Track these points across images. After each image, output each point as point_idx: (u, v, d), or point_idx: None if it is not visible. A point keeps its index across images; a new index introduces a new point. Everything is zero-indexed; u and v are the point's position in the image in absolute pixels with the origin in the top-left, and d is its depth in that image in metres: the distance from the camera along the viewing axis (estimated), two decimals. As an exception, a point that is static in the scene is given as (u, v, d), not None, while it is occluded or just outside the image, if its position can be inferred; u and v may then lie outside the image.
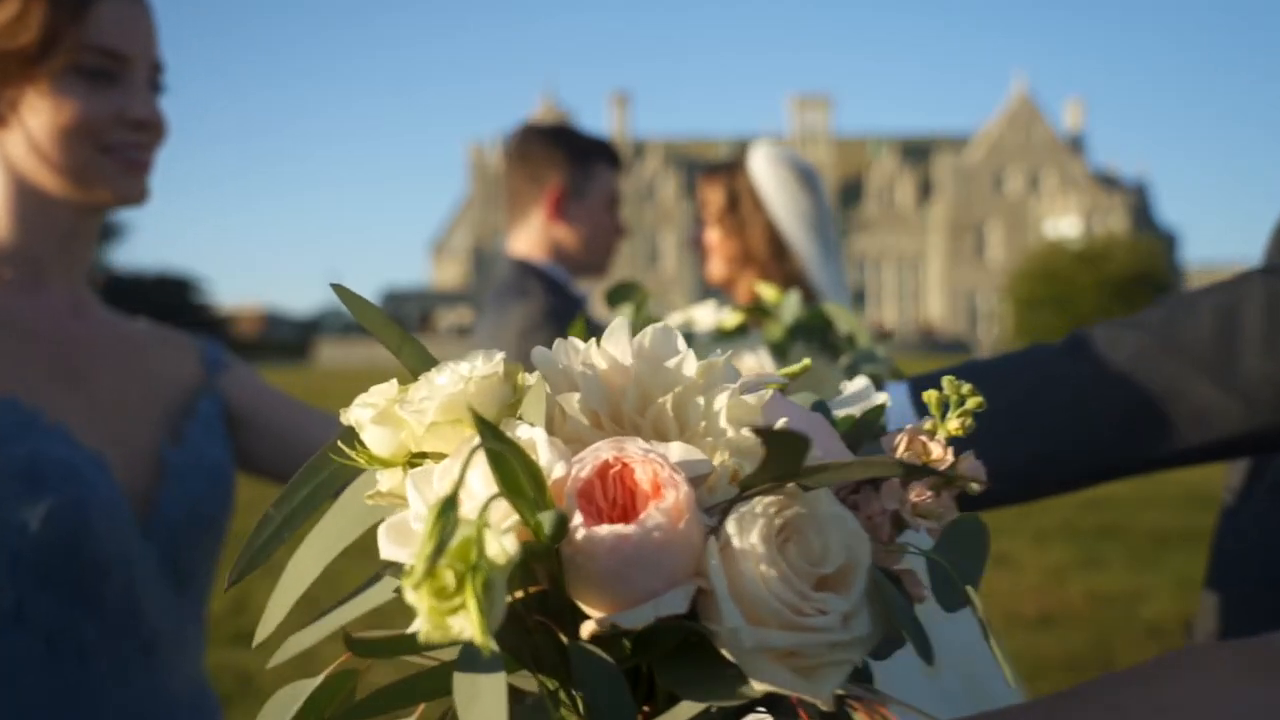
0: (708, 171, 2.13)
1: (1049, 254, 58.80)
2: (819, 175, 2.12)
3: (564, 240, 2.00)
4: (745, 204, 2.01)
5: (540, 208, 2.00)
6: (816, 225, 2.01)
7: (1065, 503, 8.23)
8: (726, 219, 2.03)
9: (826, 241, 2.03)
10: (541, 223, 2.00)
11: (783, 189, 2.00)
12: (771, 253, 1.99)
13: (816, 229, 2.01)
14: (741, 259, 2.02)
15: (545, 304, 1.84)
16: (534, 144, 2.03)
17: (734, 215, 2.02)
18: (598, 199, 2.02)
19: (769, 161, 2.04)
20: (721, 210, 2.05)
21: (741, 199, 2.02)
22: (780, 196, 1.99)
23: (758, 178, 2.02)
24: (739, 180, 2.04)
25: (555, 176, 1.98)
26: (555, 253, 2.00)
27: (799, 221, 1.99)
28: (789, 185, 2.01)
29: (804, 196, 2.01)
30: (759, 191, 2.01)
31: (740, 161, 2.08)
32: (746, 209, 2.01)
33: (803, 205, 2.00)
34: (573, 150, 2.01)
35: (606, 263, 2.09)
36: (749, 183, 2.02)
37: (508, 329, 1.81)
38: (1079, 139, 73.64)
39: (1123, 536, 7.02)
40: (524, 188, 2.01)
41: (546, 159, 2.01)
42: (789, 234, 1.98)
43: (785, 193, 2.00)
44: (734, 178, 2.05)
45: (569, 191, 1.99)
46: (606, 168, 2.05)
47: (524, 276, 1.96)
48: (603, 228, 2.03)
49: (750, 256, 2.01)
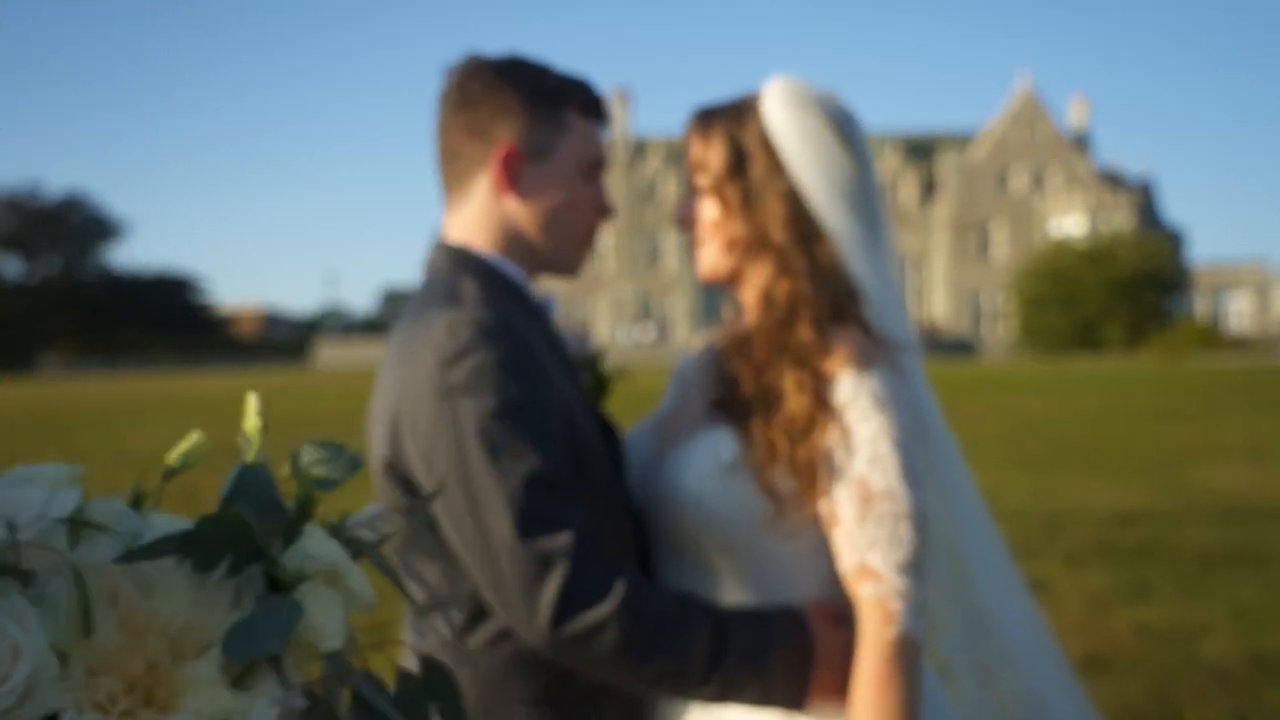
0: (701, 117, 1.50)
1: (1055, 253, 58.31)
2: (860, 124, 1.50)
3: (519, 221, 1.43)
4: (757, 164, 1.43)
5: (486, 174, 1.43)
6: (859, 195, 1.44)
7: (1096, 517, 7.73)
8: (729, 187, 1.44)
9: (872, 218, 1.45)
10: (487, 196, 1.43)
11: (812, 143, 1.42)
12: (794, 235, 1.41)
13: (859, 201, 1.44)
14: (750, 244, 1.44)
15: (482, 317, 1.29)
16: (477, 83, 1.44)
17: (740, 181, 1.44)
18: (569, 162, 1.44)
19: (792, 103, 1.44)
20: (722, 174, 1.45)
21: (751, 158, 1.44)
22: (808, 154, 1.42)
23: (776, 127, 1.43)
24: (748, 129, 1.45)
25: (506, 129, 1.42)
26: (507, 239, 1.43)
27: (835, 190, 1.42)
28: (821, 137, 1.42)
29: (842, 154, 1.43)
30: (777, 146, 1.43)
31: (750, 103, 1.47)
32: (759, 172, 1.43)
33: (840, 166, 1.42)
34: (532, 92, 1.43)
35: (579, 254, 1.50)
36: (762, 133, 1.44)
37: (420, 364, 1.27)
38: (1083, 137, 73.08)
39: (1165, 558, 6.49)
40: (463, 146, 1.44)
41: (494, 105, 1.43)
42: (820, 208, 1.41)
43: (815, 148, 1.42)
44: (740, 126, 1.45)
45: (526, 150, 1.42)
46: (582, 118, 1.48)
47: (457, 272, 1.39)
48: (576, 204, 1.46)
49: (763, 241, 1.43)
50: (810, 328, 1.36)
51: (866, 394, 1.31)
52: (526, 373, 1.25)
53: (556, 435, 1.25)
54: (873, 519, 1.28)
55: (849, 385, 1.32)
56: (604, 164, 1.51)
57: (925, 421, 1.40)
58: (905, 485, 1.29)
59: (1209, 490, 9.01)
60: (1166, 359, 46.63)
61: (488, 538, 1.20)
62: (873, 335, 1.38)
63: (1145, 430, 14.11)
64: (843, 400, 1.32)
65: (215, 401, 25.55)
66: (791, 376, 1.35)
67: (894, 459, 1.29)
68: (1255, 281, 67.18)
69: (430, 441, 1.23)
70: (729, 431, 1.38)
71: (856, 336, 1.36)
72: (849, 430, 1.31)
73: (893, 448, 1.29)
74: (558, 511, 1.20)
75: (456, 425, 1.21)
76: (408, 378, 1.27)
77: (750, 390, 1.38)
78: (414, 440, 1.25)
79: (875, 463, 1.29)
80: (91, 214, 75.71)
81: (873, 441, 1.29)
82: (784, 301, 1.40)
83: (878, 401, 1.30)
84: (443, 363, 1.23)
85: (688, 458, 1.40)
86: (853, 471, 1.30)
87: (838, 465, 1.31)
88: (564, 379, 1.37)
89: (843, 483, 1.30)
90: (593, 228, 1.51)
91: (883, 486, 1.28)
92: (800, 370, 1.35)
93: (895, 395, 1.32)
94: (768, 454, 1.34)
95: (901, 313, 1.47)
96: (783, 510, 1.33)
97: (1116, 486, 9.31)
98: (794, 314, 1.39)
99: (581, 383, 1.60)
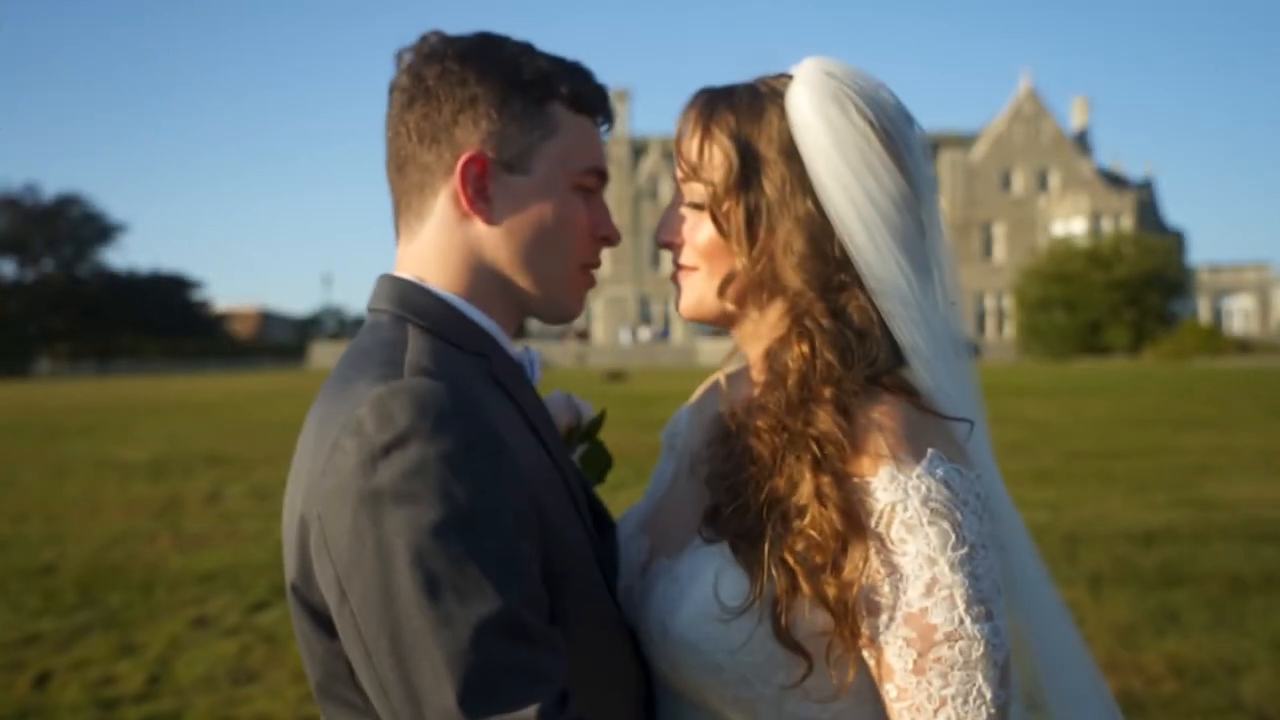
0: (704, 104, 1.13)
1: (1058, 254, 57.95)
2: (918, 129, 1.12)
3: (490, 251, 1.08)
4: (773, 177, 1.07)
5: (446, 190, 1.08)
6: (910, 227, 1.07)
7: (1116, 536, 7.39)
8: (732, 204, 1.08)
9: (927, 256, 1.08)
10: (448, 218, 1.08)
11: (851, 153, 1.05)
12: (816, 279, 1.06)
13: (909, 234, 1.07)
14: (754, 285, 1.09)
15: (427, 389, 0.93)
16: (434, 69, 1.09)
17: (748, 197, 1.07)
18: (555, 172, 1.08)
19: (827, 98, 1.06)
20: (724, 186, 1.08)
21: (766, 167, 1.07)
22: (845, 168, 1.05)
23: (803, 128, 1.06)
24: (765, 129, 1.08)
25: (471, 130, 1.07)
26: (473, 275, 1.08)
27: (877, 219, 1.05)
28: (864, 147, 1.05)
29: (891, 170, 1.06)
30: (803, 154, 1.06)
31: (771, 92, 1.10)
32: (774, 188, 1.07)
33: (888, 187, 1.06)
34: (506, 80, 1.08)
35: (571, 295, 1.15)
36: (784, 136, 1.07)
37: (337, 456, 0.91)
38: (1084, 138, 72.68)
39: (1192, 582, 6.16)
40: (417, 152, 1.09)
41: (456, 98, 1.08)
42: (855, 242, 1.05)
43: (855, 160, 1.05)
44: (755, 122, 1.09)
45: (498, 157, 1.07)
46: (573, 114, 1.12)
47: (401, 320, 1.05)
48: (566, 227, 1.10)
49: (773, 283, 1.08)
50: (832, 412, 1.00)
51: (916, 495, 0.96)
52: (486, 470, 0.90)
53: (525, 557, 0.90)
54: (937, 671, 0.94)
55: (891, 484, 0.96)
56: (603, 174, 1.14)
57: (998, 515, 1.04)
58: (978, 618, 0.94)
59: (1229, 505, 8.69)
60: (1171, 361, 46.35)
61: (420, 707, 0.85)
62: (921, 405, 1.03)
63: (1158, 439, 13.80)
64: (883, 506, 0.96)
65: (207, 406, 25.21)
66: (809, 480, 0.99)
67: (961, 583, 0.94)
68: (1257, 283, 66.84)
69: (346, 567, 0.88)
70: (730, 556, 1.02)
71: (898, 410, 1.01)
72: (894, 548, 0.96)
73: (958, 567, 0.94)
74: (521, 672, 0.85)
75: (382, 547, 0.86)
76: (321, 474, 0.92)
77: (755, 499, 1.02)
78: (325, 562, 0.91)
79: (935, 591, 0.94)
80: (88, 214, 75.33)
81: (930, 562, 0.94)
82: (797, 373, 1.04)
83: (932, 504, 0.95)
84: (367, 457, 0.88)
85: (677, 593, 1.05)
86: (905, 605, 0.95)
87: (883, 599, 0.96)
88: (544, 464, 1.03)
89: (893, 623, 0.95)
90: (589, 258, 1.15)
91: (947, 624, 0.93)
92: (821, 472, 0.99)
93: (956, 491, 0.96)
94: (785, 591, 0.98)
95: (962, 370, 1.10)
96: (812, 666, 0.98)
97: (1134, 501, 8.99)
98: (810, 392, 1.03)
99: (573, 452, 1.26)
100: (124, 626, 5.54)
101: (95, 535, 8.13)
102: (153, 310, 76.33)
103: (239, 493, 10.19)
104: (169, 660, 4.94)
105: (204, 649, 5.10)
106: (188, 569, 6.86)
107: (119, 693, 4.52)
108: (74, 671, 4.80)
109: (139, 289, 77.99)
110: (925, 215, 1.10)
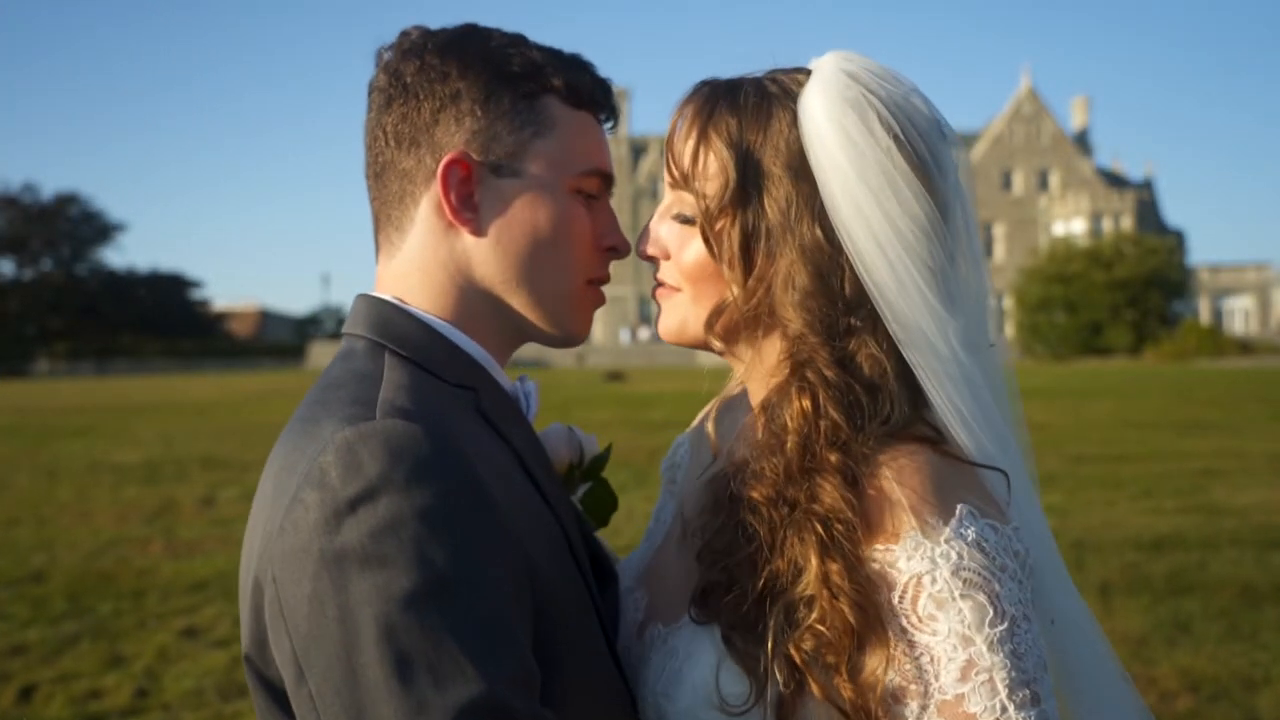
0: (703, 100, 0.98)
1: (1058, 254, 57.89)
2: (953, 141, 0.97)
3: (479, 266, 0.96)
4: (777, 195, 0.93)
5: (428, 198, 0.97)
6: (939, 256, 0.92)
7: (1125, 543, 7.27)
8: (727, 222, 0.94)
9: (959, 288, 0.93)
10: (431, 230, 0.96)
11: (871, 170, 0.90)
12: (822, 319, 0.91)
13: (939, 265, 0.92)
14: (749, 320, 0.96)
15: (403, 433, 0.80)
16: (412, 65, 0.97)
17: (746, 215, 0.93)
18: (551, 174, 0.96)
19: (847, 105, 0.91)
20: (719, 201, 0.94)
21: (770, 183, 0.93)
22: (864, 186, 0.90)
23: (817, 140, 0.91)
24: (771, 137, 0.93)
25: (454, 129, 0.95)
26: (461, 294, 0.96)
27: (901, 248, 0.90)
28: (889, 164, 0.90)
29: (918, 191, 0.91)
30: (816, 169, 0.91)
31: (782, 94, 0.95)
32: (778, 208, 0.93)
33: (915, 212, 0.91)
34: (492, 72, 0.96)
35: (576, 314, 1.02)
36: (794, 147, 0.93)
37: (296, 509, 0.78)
38: (1085, 137, 72.59)
39: (1204, 592, 6.04)
40: (395, 157, 0.97)
41: (437, 95, 0.96)
42: (874, 275, 0.90)
43: (877, 179, 0.90)
44: (761, 129, 0.94)
45: (484, 159, 0.95)
46: (570, 109, 1.00)
47: (378, 347, 0.93)
48: (566, 236, 0.98)
49: (769, 320, 0.95)
50: (839, 484, 0.86)
51: (945, 564, 0.82)
52: (469, 527, 0.78)
53: (513, 628, 0.78)
54: None
55: (916, 553, 0.83)
56: (607, 176, 1.02)
57: (1042, 578, 0.91)
58: (1023, 704, 0.81)
59: (1238, 511, 8.57)
60: (1172, 362, 46.26)
61: None
62: (946, 451, 0.89)
63: (1163, 442, 13.68)
64: (907, 579, 0.83)
65: (204, 406, 25.09)
66: (815, 566, 0.84)
67: (1002, 664, 0.81)
68: (1257, 283, 66.76)
69: (305, 641, 0.76)
70: (726, 646, 0.88)
71: (919, 460, 0.87)
72: (923, 627, 0.83)
73: (997, 646, 0.81)
74: None
75: (347, 619, 0.74)
76: (278, 531, 0.79)
77: (753, 584, 0.88)
78: (281, 634, 0.78)
79: (972, 675, 0.81)
80: (86, 213, 75.17)
81: (965, 642, 0.81)
82: (797, 436, 0.89)
83: (965, 573, 0.82)
84: (331, 513, 0.76)
85: (674, 670, 0.92)
86: (938, 693, 0.82)
87: (911, 686, 0.83)
88: (538, 512, 0.90)
89: (924, 713, 0.83)
90: (594, 271, 1.02)
91: (988, 713, 0.81)
92: (829, 558, 0.84)
93: (992, 554, 0.83)
94: (791, 690, 0.85)
95: (1001, 422, 0.95)
96: None
97: (1141, 507, 8.87)
98: (813, 459, 0.88)
99: (574, 492, 1.14)
100: (113, 636, 5.42)
101: (86, 541, 8.01)
102: (151, 310, 76.23)
103: (233, 496, 10.06)
104: (157, 673, 4.82)
105: (193, 661, 4.98)
106: (179, 576, 6.74)
107: (105, 707, 4.40)
108: (60, 684, 4.68)
109: (137, 288, 77.88)
110: (956, 243, 0.95)
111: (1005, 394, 0.99)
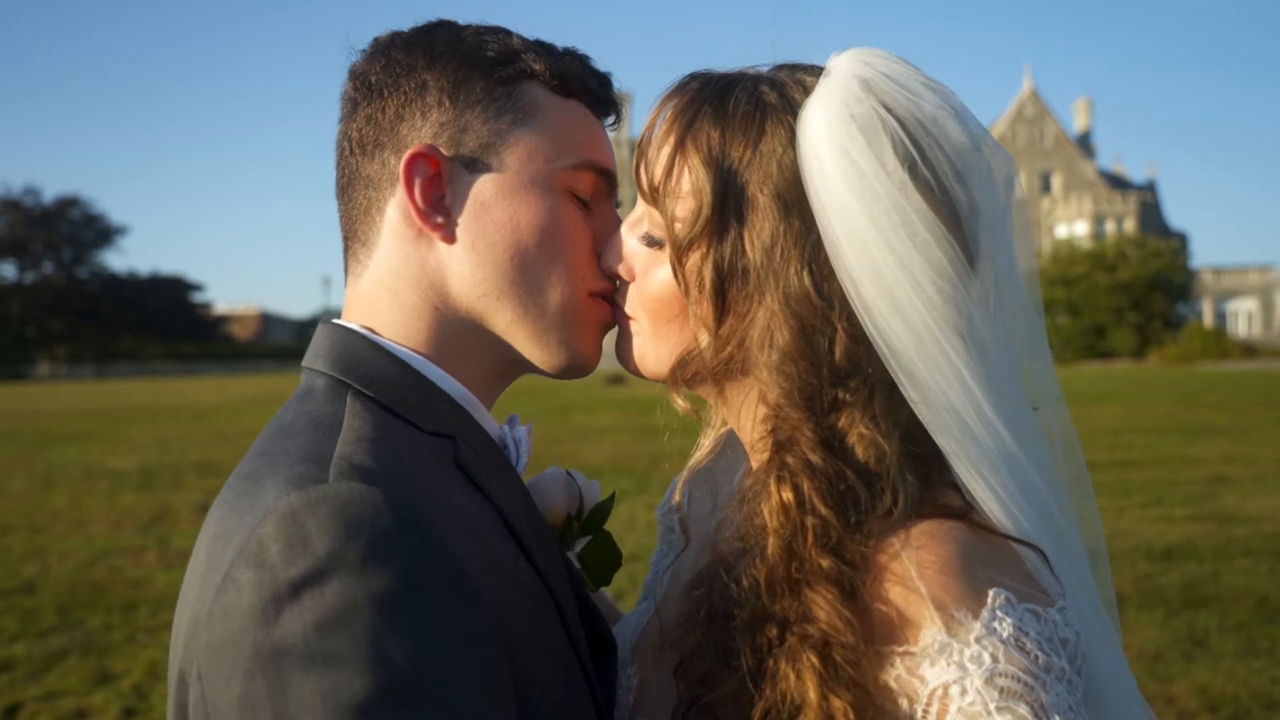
0: (684, 103, 0.82)
1: (1061, 256, 57.78)
2: (987, 155, 0.79)
3: (456, 282, 0.82)
4: (761, 229, 0.77)
5: (395, 204, 0.84)
6: (971, 309, 0.77)
7: (1136, 553, 7.12)
8: (700, 255, 0.79)
9: (993, 341, 0.77)
10: (400, 241, 0.83)
11: (880, 207, 0.74)
12: (806, 390, 0.76)
13: (972, 321, 0.77)
14: (723, 369, 0.80)
15: (360, 498, 0.66)
16: (379, 64, 0.85)
17: (722, 248, 0.78)
18: (535, 167, 0.82)
19: (847, 125, 0.75)
20: (691, 229, 0.79)
21: (754, 214, 0.77)
22: (873, 227, 0.74)
23: (816, 166, 0.75)
24: (761, 158, 0.78)
25: (419, 123, 0.82)
26: (437, 318, 0.82)
27: (924, 305, 0.75)
28: (902, 200, 0.74)
29: (938, 234, 0.75)
30: (814, 203, 0.75)
31: (780, 107, 0.78)
32: (761, 245, 0.77)
33: (935, 258, 0.75)
34: (461, 59, 0.83)
35: (579, 335, 0.86)
36: (784, 170, 0.77)
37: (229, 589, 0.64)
38: (1088, 140, 72.42)
39: (1218, 604, 5.90)
40: (361, 165, 0.85)
41: (403, 91, 0.83)
42: (891, 343, 0.75)
43: (888, 218, 0.74)
44: (750, 146, 0.78)
45: (454, 153, 0.82)
46: (557, 97, 0.85)
47: (340, 385, 0.79)
48: (559, 236, 0.83)
49: (745, 371, 0.80)
50: (835, 598, 0.70)
51: (977, 670, 0.67)
52: (435, 614, 0.64)
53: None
54: None
55: (940, 657, 0.68)
56: (606, 173, 0.86)
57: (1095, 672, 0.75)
58: None
59: (1249, 519, 8.43)
60: (1176, 365, 46.11)
61: None
62: (974, 521, 0.73)
63: (1171, 448, 13.52)
64: (932, 688, 0.68)
65: (202, 411, 24.95)
66: (814, 701, 0.69)
67: None
68: (1260, 286, 66.57)
69: None
70: None
71: (940, 538, 0.72)
72: None
73: None
74: None
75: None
76: (207, 616, 0.66)
77: (742, 695, 0.72)
78: None
79: None
80: (87, 216, 75.08)
81: None
82: (779, 539, 0.73)
83: (1001, 680, 0.67)
84: (269, 598, 0.63)
85: None
86: None
87: None
88: (523, 581, 0.77)
89: None
90: (596, 282, 0.86)
91: None
92: (830, 691, 0.69)
93: (1034, 651, 0.68)
94: None
95: (1047, 501, 0.80)
96: None
97: (1151, 515, 8.72)
98: (800, 567, 0.72)
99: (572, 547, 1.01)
100: (102, 652, 5.28)
101: (79, 550, 7.87)
102: (152, 312, 76.14)
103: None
104: (146, 691, 4.68)
105: (183, 678, 4.84)
106: (172, 587, 6.60)
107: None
108: (45, 702, 4.54)
109: (138, 291, 77.77)
110: (994, 295, 0.77)
111: (1064, 456, 0.84)
